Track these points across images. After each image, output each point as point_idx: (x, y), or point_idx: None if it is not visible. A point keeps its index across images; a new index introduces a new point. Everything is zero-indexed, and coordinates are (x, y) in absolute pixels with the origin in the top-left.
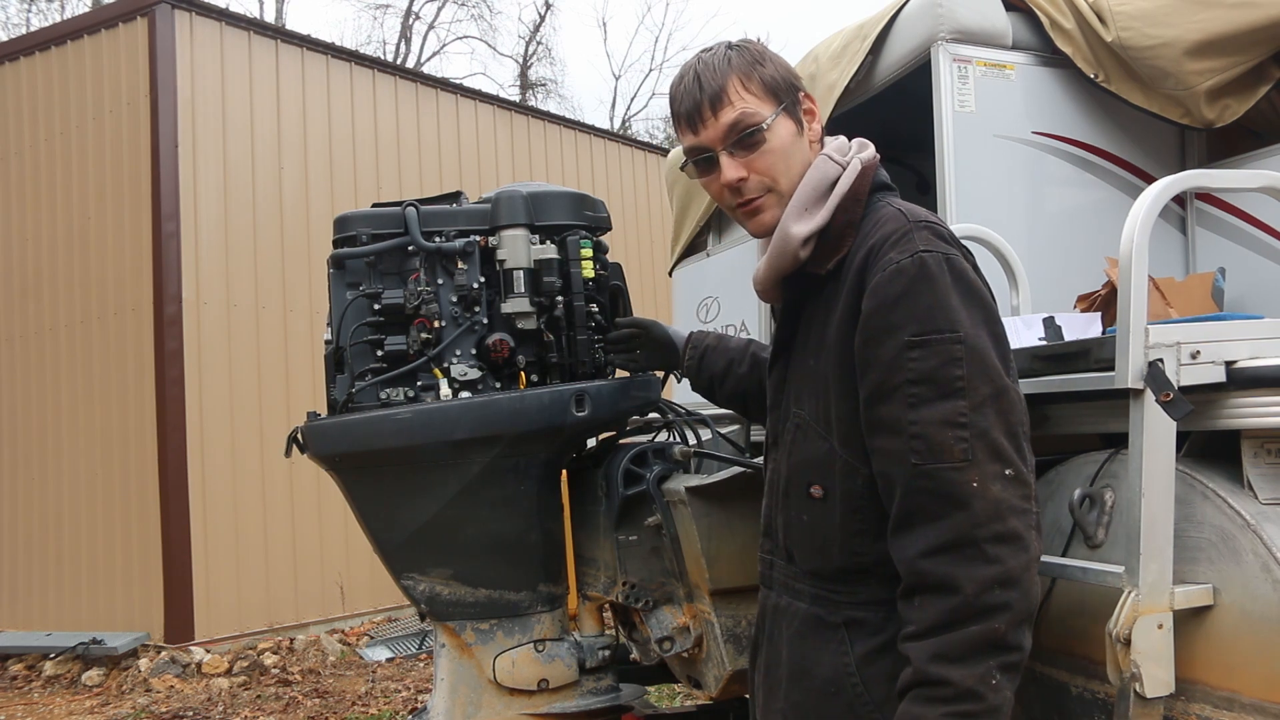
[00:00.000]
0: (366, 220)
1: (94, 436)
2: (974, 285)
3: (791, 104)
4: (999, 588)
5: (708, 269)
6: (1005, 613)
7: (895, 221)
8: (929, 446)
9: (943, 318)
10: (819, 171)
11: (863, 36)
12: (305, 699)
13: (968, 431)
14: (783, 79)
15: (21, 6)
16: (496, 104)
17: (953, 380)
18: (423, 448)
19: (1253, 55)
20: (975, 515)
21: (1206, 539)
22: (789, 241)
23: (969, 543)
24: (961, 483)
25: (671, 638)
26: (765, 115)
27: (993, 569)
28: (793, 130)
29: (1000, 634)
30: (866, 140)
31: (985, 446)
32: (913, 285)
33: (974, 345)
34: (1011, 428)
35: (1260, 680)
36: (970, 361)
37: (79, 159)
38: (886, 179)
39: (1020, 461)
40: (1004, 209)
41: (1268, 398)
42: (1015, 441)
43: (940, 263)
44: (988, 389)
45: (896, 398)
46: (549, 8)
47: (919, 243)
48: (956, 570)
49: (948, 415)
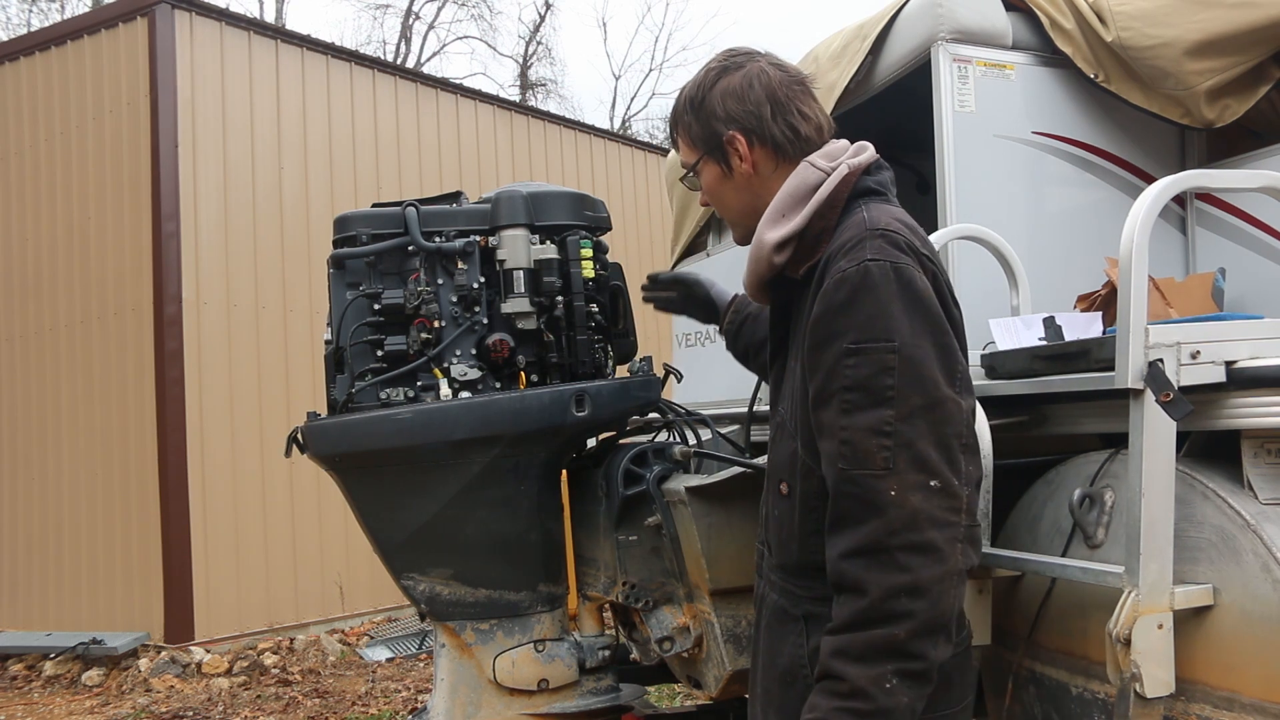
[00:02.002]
0: (366, 220)
1: (94, 436)
2: (920, 295)
3: (712, 150)
4: (905, 596)
5: (708, 269)
6: (907, 620)
7: (854, 229)
8: (854, 452)
9: (880, 326)
10: (798, 178)
11: (862, 36)
12: (305, 699)
13: (891, 440)
14: (705, 129)
15: (22, 6)
16: (496, 104)
17: (883, 389)
18: (423, 448)
19: (1253, 55)
20: (890, 523)
21: (1206, 539)
22: (762, 247)
23: (882, 549)
24: (880, 490)
25: (671, 638)
26: (690, 162)
27: (901, 577)
28: (716, 174)
29: (899, 640)
30: (866, 143)
31: (908, 456)
32: (855, 293)
33: (909, 355)
34: (944, 439)
35: (1260, 680)
36: (903, 371)
37: (79, 159)
38: (877, 184)
39: (950, 474)
40: (1004, 209)
41: (1268, 398)
42: (947, 454)
43: (886, 271)
44: (919, 400)
45: (833, 403)
46: (549, 8)
47: (868, 251)
48: (867, 575)
49: (874, 423)
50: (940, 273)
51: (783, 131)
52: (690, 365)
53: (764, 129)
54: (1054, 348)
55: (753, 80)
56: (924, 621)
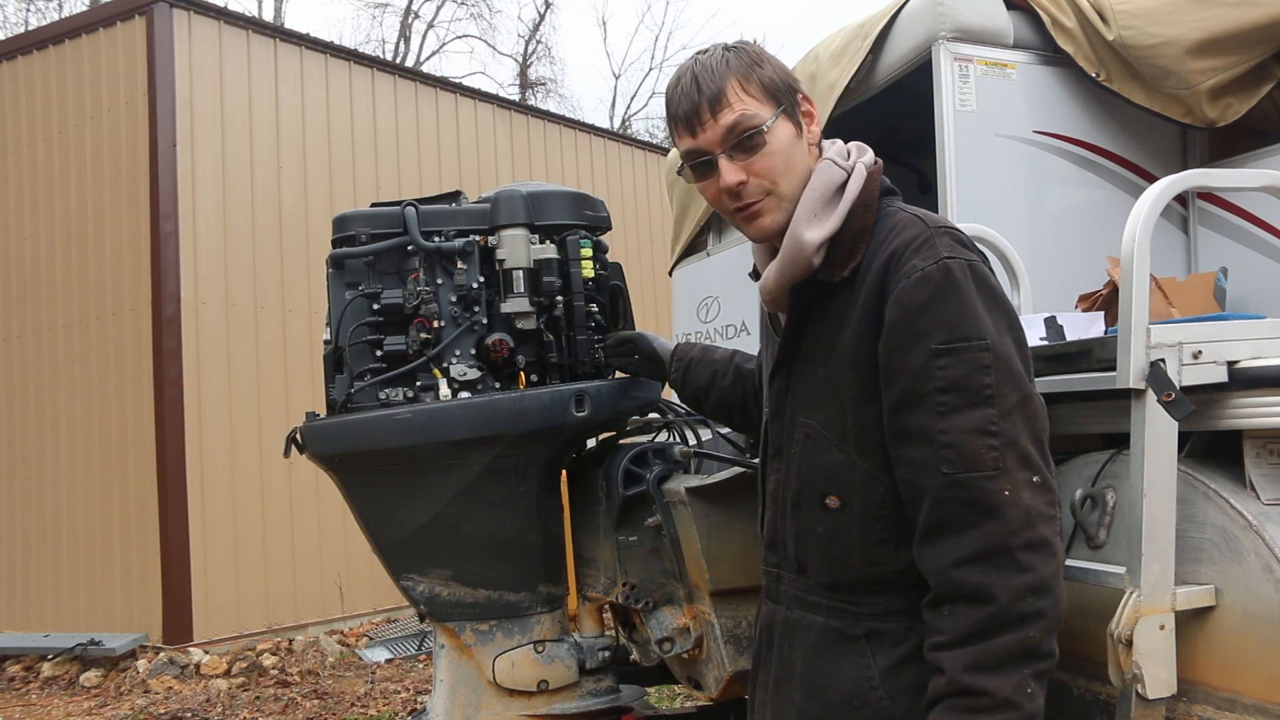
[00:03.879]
0: (365, 220)
1: (92, 436)
2: (997, 291)
3: (791, 106)
4: (1033, 596)
5: (708, 269)
6: (1040, 620)
7: (915, 227)
8: (960, 455)
9: (970, 325)
10: (824, 176)
11: (863, 36)
12: (304, 700)
13: (998, 440)
14: (781, 80)
15: (20, 5)
16: (496, 103)
17: (982, 388)
18: (422, 448)
19: (1255, 54)
20: (1008, 524)
21: (1208, 539)
22: (803, 249)
23: (1003, 551)
24: (994, 491)
25: (671, 638)
26: (765, 117)
27: (1026, 577)
28: (792, 132)
29: (1035, 642)
30: (864, 144)
31: (1015, 454)
32: (938, 292)
33: (1000, 352)
34: (1037, 434)
35: (1262, 681)
36: (998, 369)
37: (77, 158)
38: (889, 183)
39: (1045, 468)
40: (1005, 208)
41: (1270, 398)
42: (1040, 447)
43: (965, 269)
44: (1015, 396)
45: (924, 406)
46: (549, 7)
47: (942, 249)
48: (990, 579)
49: (978, 424)
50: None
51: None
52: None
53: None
54: (1055, 347)
55: None
56: (1053, 619)
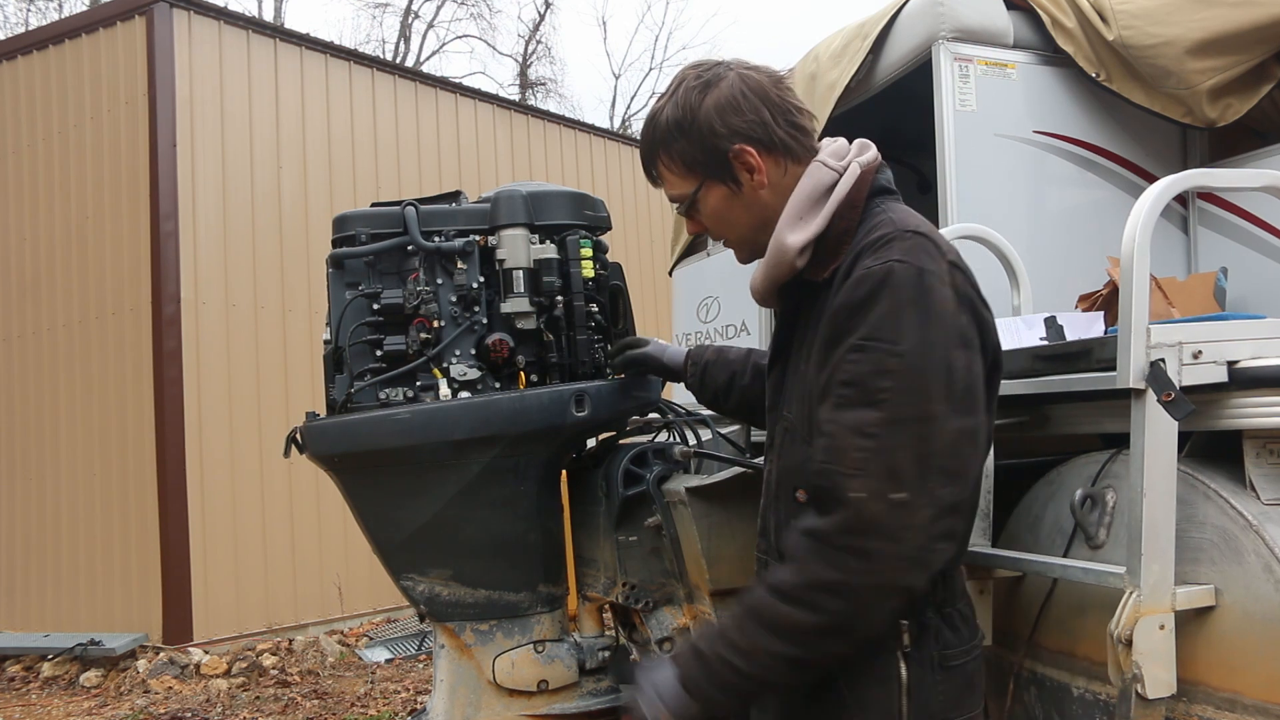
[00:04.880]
0: (365, 220)
1: (92, 436)
2: (938, 306)
3: (716, 170)
4: (826, 593)
5: (708, 269)
6: (816, 615)
7: (884, 228)
8: (833, 446)
9: (888, 328)
10: (812, 179)
11: (863, 35)
12: (304, 700)
13: (870, 444)
14: (703, 150)
15: (20, 5)
16: (496, 103)
17: (876, 391)
18: (422, 448)
19: (1255, 54)
20: (841, 523)
21: (1208, 539)
22: (785, 251)
23: (828, 543)
24: (845, 489)
25: (672, 638)
26: (688, 190)
27: (829, 574)
28: (723, 194)
29: (800, 628)
30: (868, 141)
31: (882, 465)
32: (872, 292)
33: (912, 363)
34: (926, 454)
35: (1262, 681)
36: (900, 377)
37: (77, 158)
38: (887, 182)
39: (917, 492)
40: (1005, 208)
41: (1270, 398)
42: (920, 471)
43: (911, 275)
44: (911, 410)
45: (829, 396)
46: (549, 6)
47: (896, 251)
48: (806, 556)
49: (857, 423)
50: (969, 278)
51: (788, 132)
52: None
53: (771, 135)
54: (1055, 347)
55: (740, 88)
56: (834, 621)
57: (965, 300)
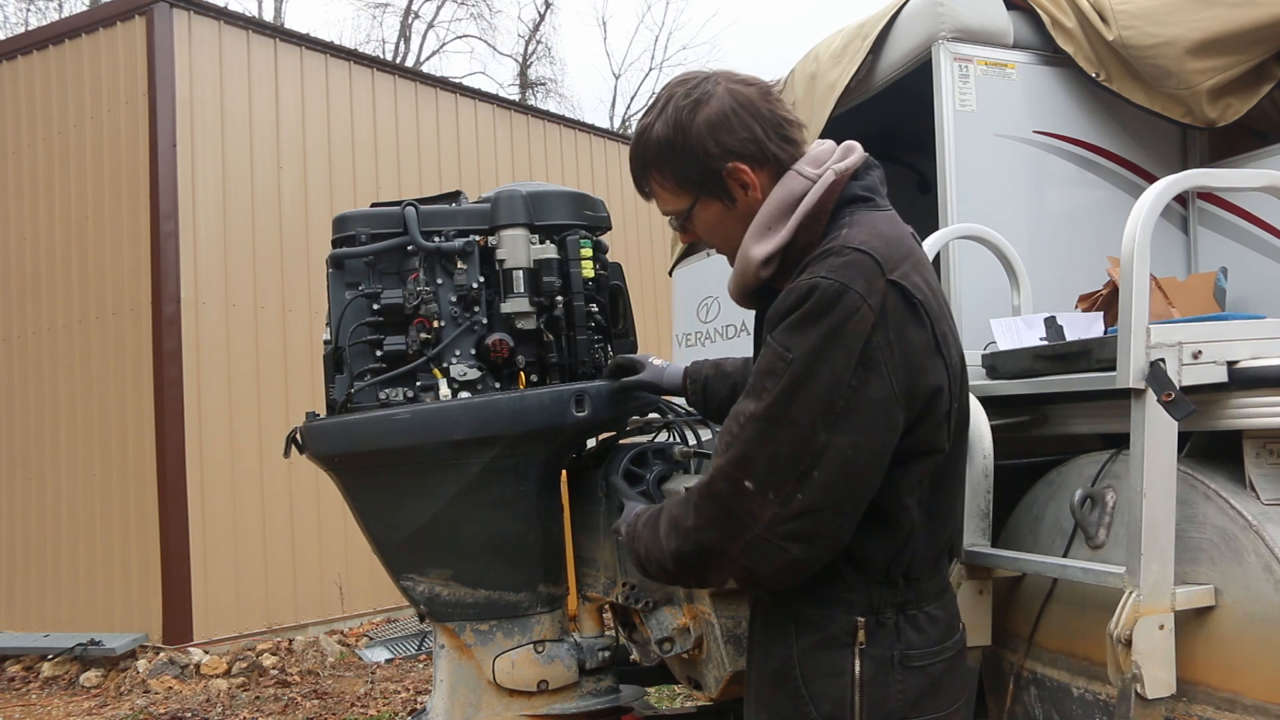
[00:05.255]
0: (365, 220)
1: (92, 436)
2: (850, 326)
3: (711, 187)
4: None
5: (707, 269)
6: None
7: (830, 242)
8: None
9: (791, 336)
10: (784, 189)
11: (863, 36)
12: (304, 700)
13: (735, 427)
14: (696, 167)
15: (20, 5)
16: (496, 103)
17: (760, 386)
18: (422, 448)
19: (1255, 54)
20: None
21: (1208, 539)
22: (749, 263)
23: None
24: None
25: (671, 638)
26: (683, 207)
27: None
28: (718, 210)
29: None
30: (854, 144)
31: (739, 450)
32: (794, 303)
33: (798, 371)
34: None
35: (1262, 681)
36: (784, 380)
37: (77, 158)
38: (863, 190)
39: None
40: (1005, 208)
41: (1269, 398)
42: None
43: (829, 292)
44: (779, 411)
45: None
46: (549, 7)
47: (826, 268)
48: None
49: (738, 409)
50: (910, 295)
51: (779, 146)
52: None
53: (763, 150)
54: (1055, 347)
55: (731, 104)
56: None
57: (892, 323)
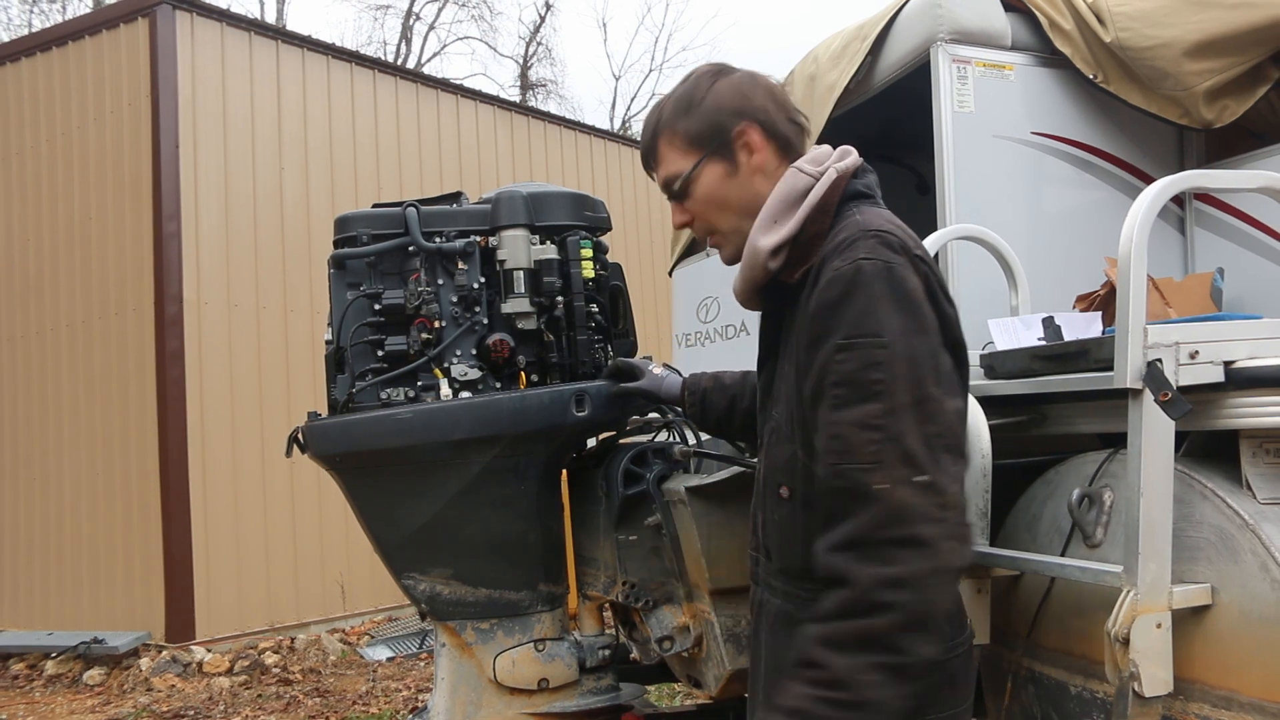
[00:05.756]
0: (367, 220)
1: (95, 436)
2: (910, 295)
3: (720, 146)
4: (888, 588)
5: (707, 269)
6: (890, 613)
7: (848, 230)
8: (843, 447)
9: (869, 323)
10: (787, 184)
11: (862, 37)
12: (306, 698)
13: (880, 434)
14: (709, 125)
15: (23, 7)
16: (497, 104)
17: (871, 383)
18: (423, 447)
19: (1252, 56)
20: (877, 517)
21: (1205, 538)
22: (757, 254)
23: (869, 542)
24: (868, 484)
25: (671, 637)
26: (686, 168)
27: (886, 570)
28: (721, 172)
29: (881, 631)
30: (849, 148)
31: (897, 451)
32: (846, 291)
33: (898, 352)
34: (929, 437)
35: (1259, 679)
36: (891, 366)
37: (80, 159)
38: (864, 187)
39: (936, 469)
40: (1003, 209)
41: (1266, 398)
42: (931, 451)
43: (879, 270)
44: (907, 396)
45: (825, 399)
46: (549, 8)
47: (861, 250)
48: (851, 566)
49: (861, 417)
50: (933, 272)
51: (788, 128)
52: (690, 365)
53: (774, 124)
54: (1053, 348)
55: (750, 81)
56: (909, 615)
57: (930, 292)
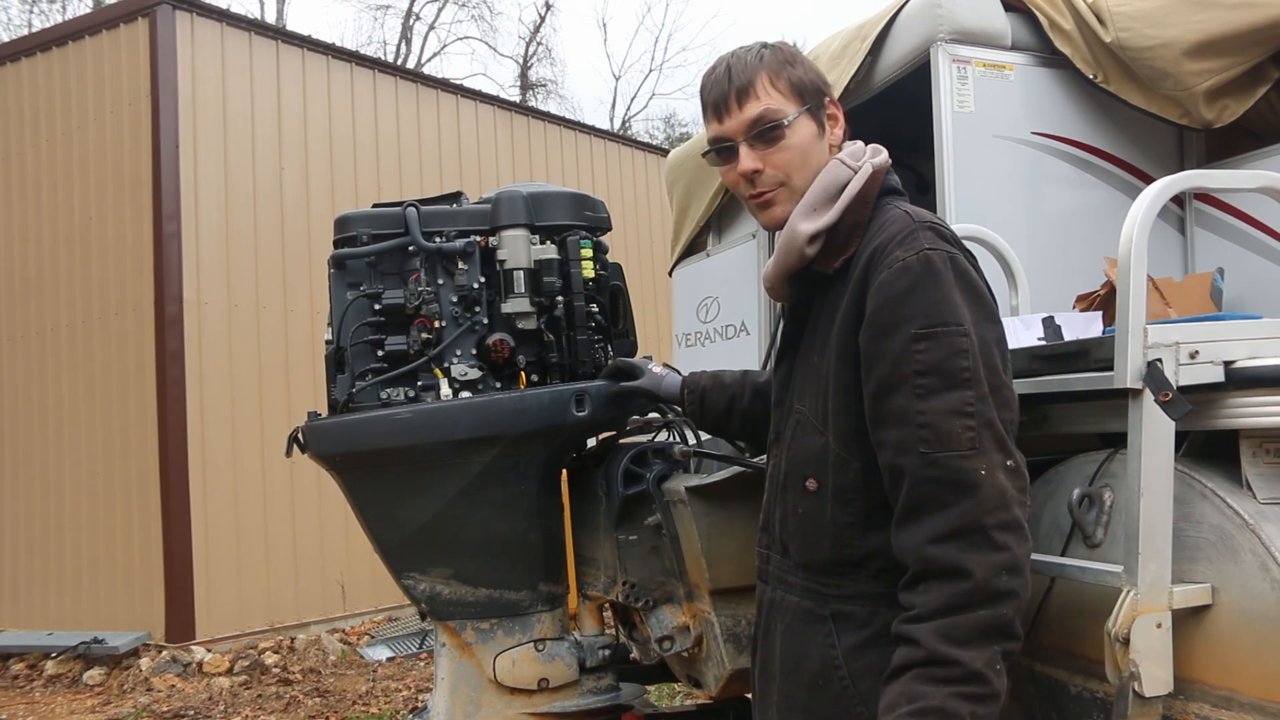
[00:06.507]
0: (367, 220)
1: (95, 436)
2: (976, 285)
3: (817, 106)
4: (1006, 574)
5: (708, 269)
6: (1012, 600)
7: (901, 222)
8: (937, 435)
9: (949, 312)
10: (830, 174)
11: (862, 37)
12: (306, 698)
13: (975, 420)
14: (810, 82)
15: (23, 7)
16: (497, 104)
17: (960, 371)
18: (423, 447)
19: (1251, 56)
20: (983, 502)
21: (1205, 538)
22: (795, 239)
23: (977, 529)
24: (970, 470)
25: (671, 637)
26: (788, 113)
27: (1001, 555)
28: (813, 131)
29: (1007, 620)
30: (880, 146)
31: (991, 436)
32: (919, 281)
33: (976, 340)
34: (1006, 423)
35: (1259, 679)
36: (974, 354)
37: (80, 159)
38: (896, 184)
39: (1017, 456)
40: (1003, 209)
41: (1266, 397)
42: (1010, 435)
43: (945, 260)
44: (988, 383)
45: (904, 389)
46: (549, 8)
47: (924, 241)
48: (965, 555)
49: (955, 405)
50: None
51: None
52: (690, 365)
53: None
54: (1053, 347)
55: None
56: (1023, 599)
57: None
